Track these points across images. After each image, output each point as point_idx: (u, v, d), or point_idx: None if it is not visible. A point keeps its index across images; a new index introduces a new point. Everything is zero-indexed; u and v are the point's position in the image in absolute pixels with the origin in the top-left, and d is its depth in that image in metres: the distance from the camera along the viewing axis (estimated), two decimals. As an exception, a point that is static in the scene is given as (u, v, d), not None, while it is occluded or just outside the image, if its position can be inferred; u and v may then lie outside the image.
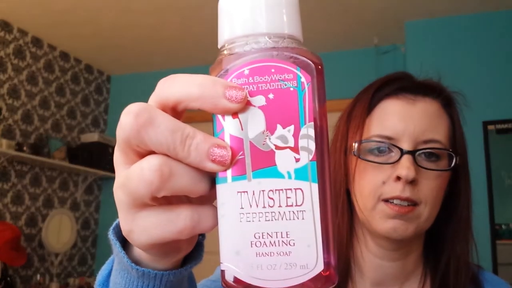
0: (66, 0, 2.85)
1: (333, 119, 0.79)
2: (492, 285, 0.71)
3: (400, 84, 0.69)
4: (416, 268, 0.71)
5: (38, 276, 3.16)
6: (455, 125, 0.70)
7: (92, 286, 3.61)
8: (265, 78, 0.28)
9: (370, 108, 0.70)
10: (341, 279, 0.71)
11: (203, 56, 3.63)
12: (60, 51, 3.59)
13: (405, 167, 0.63)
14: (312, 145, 0.28)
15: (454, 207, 0.70)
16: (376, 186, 0.66)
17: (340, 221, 0.71)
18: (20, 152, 3.01)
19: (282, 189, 0.28)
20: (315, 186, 0.28)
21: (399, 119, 0.66)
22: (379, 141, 0.67)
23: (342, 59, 3.40)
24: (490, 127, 2.71)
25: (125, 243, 0.37)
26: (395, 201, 0.64)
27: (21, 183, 3.20)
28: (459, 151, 0.68)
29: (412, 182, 0.64)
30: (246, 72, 0.29)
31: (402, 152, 0.64)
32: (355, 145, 0.68)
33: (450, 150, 0.67)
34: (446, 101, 0.71)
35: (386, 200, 0.65)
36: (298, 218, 0.27)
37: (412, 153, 0.64)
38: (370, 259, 0.70)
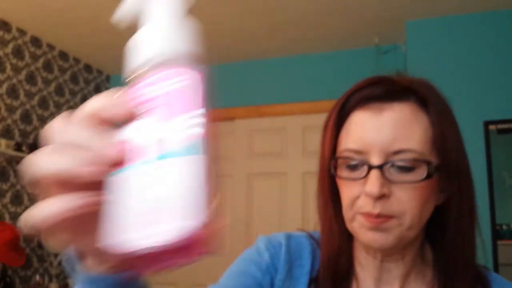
0: (65, 0, 2.85)
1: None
2: (500, 286, 0.70)
3: (366, 93, 0.65)
4: (419, 263, 0.71)
5: (37, 277, 3.16)
6: (434, 125, 0.63)
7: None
8: (158, 85, 0.33)
9: (341, 120, 0.68)
10: (345, 279, 0.72)
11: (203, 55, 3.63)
12: (59, 51, 3.58)
13: (370, 184, 0.62)
14: (200, 131, 0.31)
15: (448, 208, 0.67)
16: (351, 200, 0.65)
17: (335, 229, 0.71)
18: (19, 152, 3.01)
19: (163, 165, 0.31)
20: (197, 158, 0.31)
21: (366, 132, 0.64)
22: (348, 157, 0.65)
23: (343, 59, 3.40)
24: (491, 127, 2.70)
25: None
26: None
27: (20, 183, 3.20)
28: (442, 153, 0.64)
29: (384, 197, 0.62)
30: (143, 83, 0.34)
31: (370, 167, 0.62)
32: (329, 162, 0.68)
33: (424, 159, 0.62)
34: (421, 102, 0.64)
35: (362, 213, 0.64)
36: (174, 187, 0.30)
37: (380, 167, 0.62)
38: (370, 260, 0.71)
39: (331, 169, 0.67)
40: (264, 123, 3.57)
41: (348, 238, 0.70)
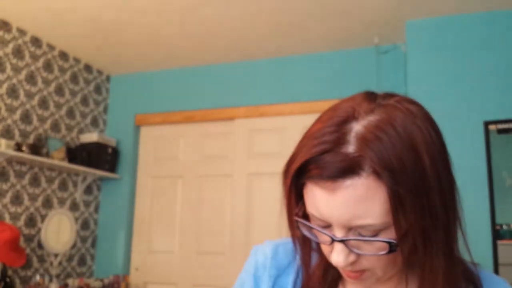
0: (65, 0, 2.85)
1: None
2: (492, 283, 0.70)
3: (317, 172, 0.58)
4: (411, 271, 0.71)
5: (38, 277, 3.16)
6: (395, 191, 0.56)
7: (92, 287, 3.60)
8: None
9: (299, 183, 0.65)
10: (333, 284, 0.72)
11: (202, 56, 3.63)
12: (59, 51, 3.58)
13: (335, 256, 0.61)
14: None
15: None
16: (326, 252, 0.66)
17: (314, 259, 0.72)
18: (19, 152, 3.01)
19: None
20: None
21: (322, 210, 0.60)
22: (313, 226, 0.64)
23: (343, 59, 3.41)
24: (491, 127, 2.71)
25: None
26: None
27: (20, 183, 3.19)
28: (406, 218, 0.57)
29: (351, 262, 0.62)
30: None
31: (332, 239, 0.61)
32: (298, 220, 0.67)
33: (385, 229, 0.59)
34: (376, 172, 0.56)
35: None
36: None
37: (342, 240, 0.60)
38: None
39: (301, 229, 0.67)
40: (264, 123, 3.57)
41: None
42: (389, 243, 0.58)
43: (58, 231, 3.39)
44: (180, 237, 3.70)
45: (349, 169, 0.56)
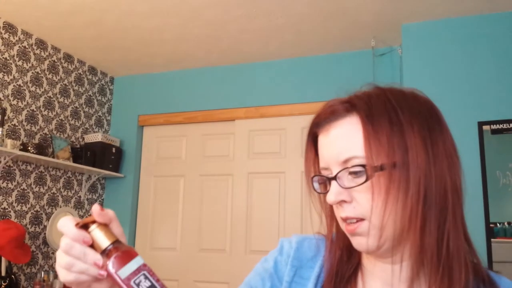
0: (70, 3, 2.89)
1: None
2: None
3: (317, 120, 0.74)
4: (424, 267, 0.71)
5: (42, 274, 3.20)
6: (366, 131, 0.67)
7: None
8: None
9: (314, 143, 0.77)
10: (348, 282, 0.75)
11: (204, 57, 3.67)
12: (64, 53, 3.63)
13: (328, 194, 0.69)
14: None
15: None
16: (335, 209, 0.73)
17: (338, 235, 0.78)
18: (25, 152, 3.06)
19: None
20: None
21: (323, 151, 0.72)
22: (319, 175, 0.74)
23: (340, 61, 3.45)
24: (485, 127, 2.74)
25: None
26: (347, 221, 0.70)
27: (25, 182, 3.25)
28: (380, 153, 0.65)
29: (345, 202, 0.68)
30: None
31: (328, 179, 0.71)
32: (310, 181, 0.76)
33: (365, 163, 0.66)
34: (359, 112, 0.69)
35: (340, 218, 0.71)
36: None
37: (334, 178, 0.69)
38: (377, 262, 0.74)
39: (314, 185, 0.75)
40: (264, 123, 3.62)
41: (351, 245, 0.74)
42: (363, 165, 0.66)
43: (63, 229, 3.43)
44: (182, 235, 3.76)
45: (340, 112, 0.71)
